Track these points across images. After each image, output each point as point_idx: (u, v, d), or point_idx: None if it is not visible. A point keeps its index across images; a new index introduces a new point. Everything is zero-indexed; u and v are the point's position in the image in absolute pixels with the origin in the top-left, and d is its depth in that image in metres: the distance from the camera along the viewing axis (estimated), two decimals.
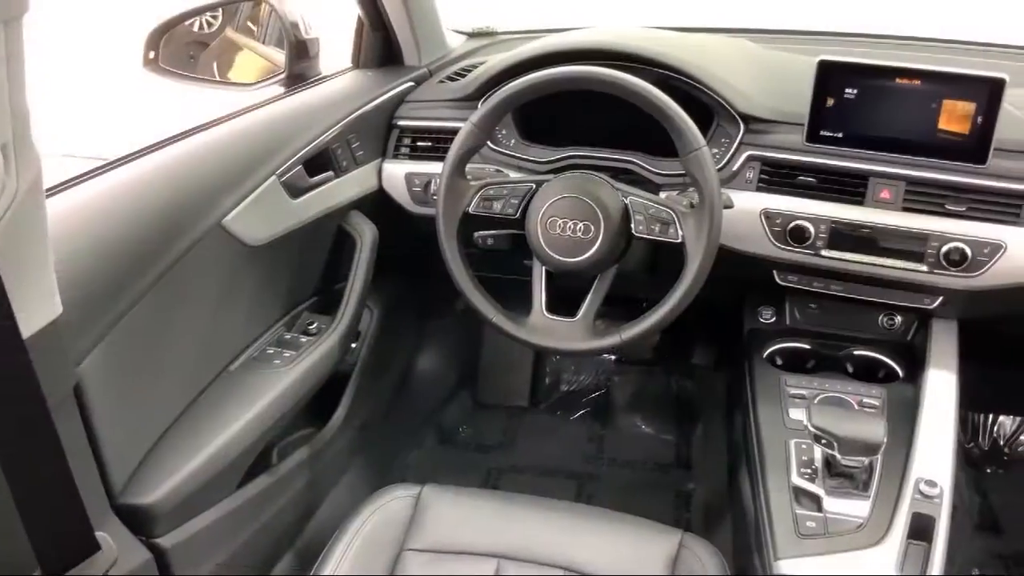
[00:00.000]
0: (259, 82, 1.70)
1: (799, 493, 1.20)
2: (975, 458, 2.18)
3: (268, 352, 1.42)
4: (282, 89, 1.66)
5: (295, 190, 1.43)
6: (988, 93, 1.29)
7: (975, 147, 1.33)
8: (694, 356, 2.32)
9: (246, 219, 1.32)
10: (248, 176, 1.34)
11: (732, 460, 1.56)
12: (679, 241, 1.28)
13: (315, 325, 1.52)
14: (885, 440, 1.16)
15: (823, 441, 1.17)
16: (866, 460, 1.18)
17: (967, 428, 2.22)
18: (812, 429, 1.18)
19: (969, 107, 1.31)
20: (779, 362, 1.53)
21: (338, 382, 1.67)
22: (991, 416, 2.23)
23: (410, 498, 1.30)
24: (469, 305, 1.39)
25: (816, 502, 1.18)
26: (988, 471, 2.14)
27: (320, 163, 1.50)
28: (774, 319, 1.61)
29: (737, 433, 1.50)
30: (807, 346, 1.55)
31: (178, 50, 1.77)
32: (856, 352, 1.53)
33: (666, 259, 1.48)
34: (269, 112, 1.50)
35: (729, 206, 1.37)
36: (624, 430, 2.28)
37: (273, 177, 1.38)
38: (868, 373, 1.50)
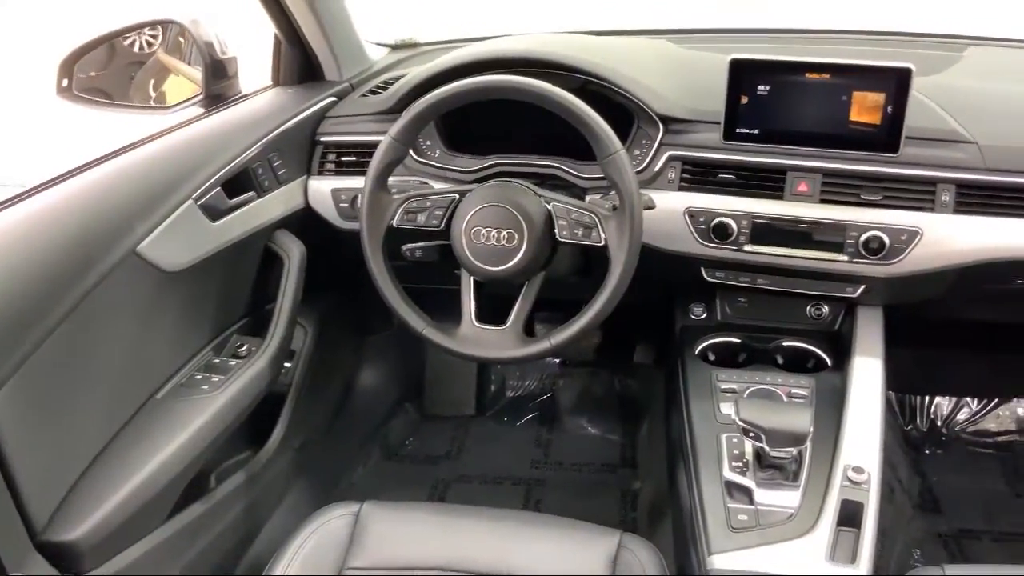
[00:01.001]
0: (177, 104, 1.68)
1: (731, 487, 1.21)
2: (914, 440, 2.22)
3: (196, 378, 1.40)
4: (201, 110, 1.63)
5: (214, 212, 1.41)
6: (896, 83, 1.32)
7: (887, 137, 1.36)
8: (636, 355, 2.34)
9: (162, 245, 1.30)
10: (163, 201, 1.32)
11: (671, 457, 1.57)
12: (602, 244, 1.29)
13: (245, 347, 1.49)
14: (811, 430, 1.18)
15: (751, 434, 1.19)
16: (794, 450, 1.19)
17: (905, 411, 2.26)
18: (740, 423, 1.19)
19: (879, 98, 1.34)
20: (711, 358, 1.55)
21: (275, 403, 1.64)
22: (928, 398, 2.27)
23: (349, 516, 1.29)
24: (398, 319, 1.38)
25: (748, 495, 1.19)
26: (927, 452, 2.18)
27: (240, 184, 1.48)
28: (705, 315, 1.62)
29: (674, 430, 1.51)
30: (738, 340, 1.57)
31: (119, 71, 1.74)
32: (785, 344, 1.55)
33: (597, 262, 1.48)
34: (185, 134, 1.48)
35: (651, 207, 1.38)
36: (570, 433, 2.29)
37: (189, 201, 1.36)
38: (798, 364, 1.53)
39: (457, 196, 1.36)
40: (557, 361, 2.43)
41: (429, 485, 2.08)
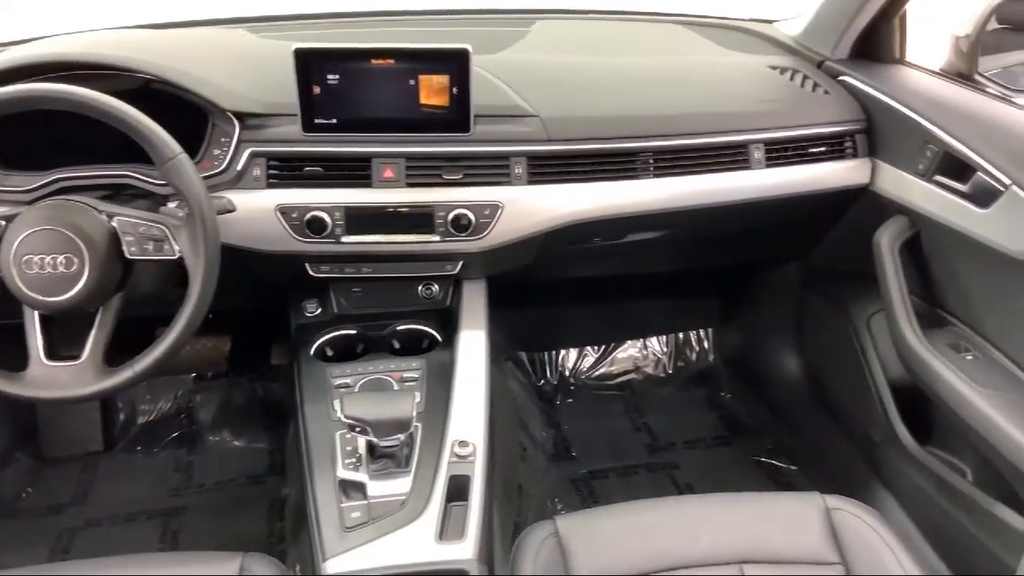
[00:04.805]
0: None
1: (346, 485, 1.19)
2: (547, 394, 2.37)
3: None
4: None
5: None
6: (457, 65, 1.36)
7: (457, 117, 1.40)
8: (272, 356, 2.26)
9: None
10: None
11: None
12: (176, 257, 1.20)
13: None
14: (415, 413, 1.19)
15: (358, 429, 1.18)
16: (403, 436, 1.19)
17: (536, 368, 2.41)
18: (344, 420, 1.18)
19: (444, 80, 1.38)
20: (330, 354, 1.52)
21: None
22: (555, 353, 2.43)
23: None
24: None
25: (362, 490, 1.18)
26: (558, 403, 2.34)
27: None
28: (320, 311, 1.59)
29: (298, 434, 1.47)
30: (354, 332, 1.55)
31: None
32: (399, 328, 1.56)
33: None
34: None
35: (230, 210, 1.31)
36: (213, 450, 2.16)
37: None
38: (415, 346, 1.55)
39: (3, 223, 1.19)
40: (192, 376, 2.28)
41: (51, 539, 1.86)
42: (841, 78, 1.73)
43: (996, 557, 1.36)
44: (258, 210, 1.40)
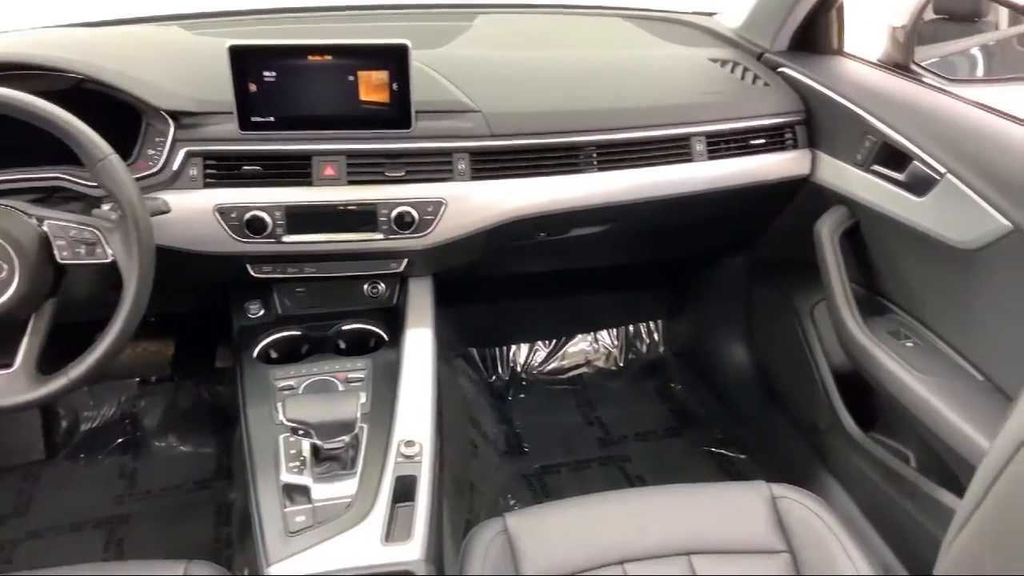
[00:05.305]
0: None
1: (290, 489, 1.17)
2: (498, 390, 2.37)
3: None
4: None
5: None
6: (396, 60, 1.35)
7: (398, 113, 1.39)
8: (217, 359, 2.22)
9: None
10: None
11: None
12: (109, 260, 1.17)
13: None
14: (359, 414, 1.18)
15: (301, 432, 1.16)
16: (347, 438, 1.18)
17: (488, 364, 2.40)
18: (287, 423, 1.16)
19: (383, 76, 1.36)
20: (274, 355, 1.50)
21: None
22: (507, 348, 2.43)
23: None
24: None
25: (306, 494, 1.16)
26: (510, 399, 2.34)
27: None
28: (263, 312, 1.56)
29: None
30: (298, 333, 1.53)
31: None
32: (345, 328, 1.54)
33: None
34: None
35: (164, 211, 1.28)
36: (159, 455, 2.12)
37: None
38: (361, 345, 1.53)
39: None
40: (136, 380, 2.24)
41: None
42: (780, 70, 1.74)
43: (938, 541, 1.39)
44: (195, 211, 1.37)
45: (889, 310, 1.58)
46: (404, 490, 1.16)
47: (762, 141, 1.64)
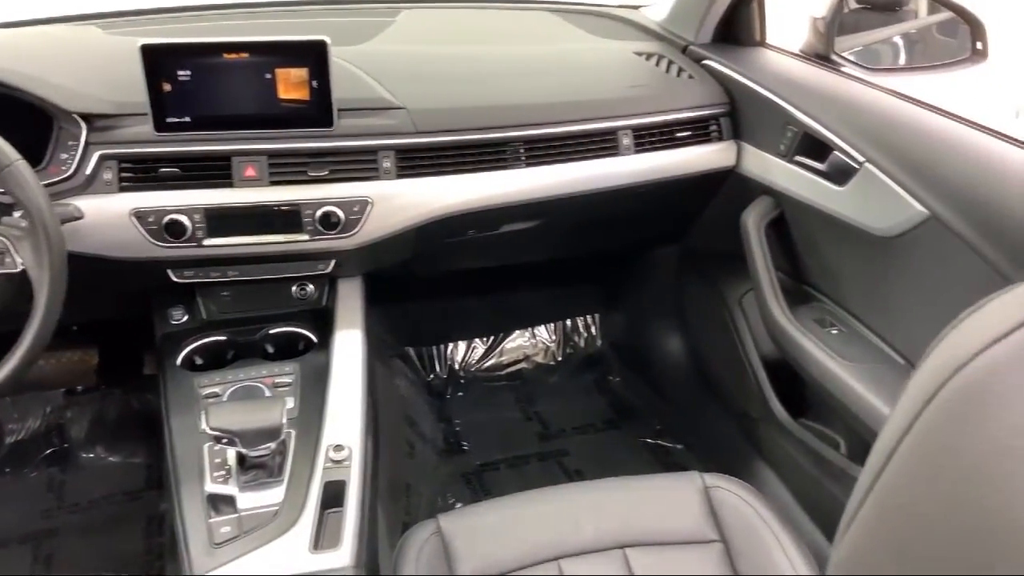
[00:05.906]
0: None
1: (215, 500, 1.14)
2: (437, 388, 2.35)
3: None
4: None
5: None
6: (315, 57, 1.32)
7: (318, 112, 1.36)
8: (145, 366, 2.16)
9: None
10: None
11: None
12: (19, 270, 1.13)
13: None
14: (285, 420, 1.15)
15: (224, 440, 1.13)
16: (273, 444, 1.15)
17: (425, 363, 2.38)
18: (211, 432, 1.13)
19: (302, 73, 1.34)
20: (199, 362, 1.46)
21: None
22: (444, 346, 2.41)
23: None
24: None
25: (232, 504, 1.13)
26: (448, 397, 2.32)
27: None
28: (187, 317, 1.52)
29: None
30: (223, 338, 1.49)
31: None
32: (272, 331, 1.50)
33: None
34: None
35: (77, 217, 1.24)
36: (87, 467, 2.06)
37: None
38: (290, 349, 1.50)
39: None
40: (61, 391, 2.17)
41: None
42: (704, 62, 1.76)
43: None
44: (111, 216, 1.33)
45: (815, 298, 1.60)
46: (333, 496, 1.14)
47: (688, 133, 1.65)
